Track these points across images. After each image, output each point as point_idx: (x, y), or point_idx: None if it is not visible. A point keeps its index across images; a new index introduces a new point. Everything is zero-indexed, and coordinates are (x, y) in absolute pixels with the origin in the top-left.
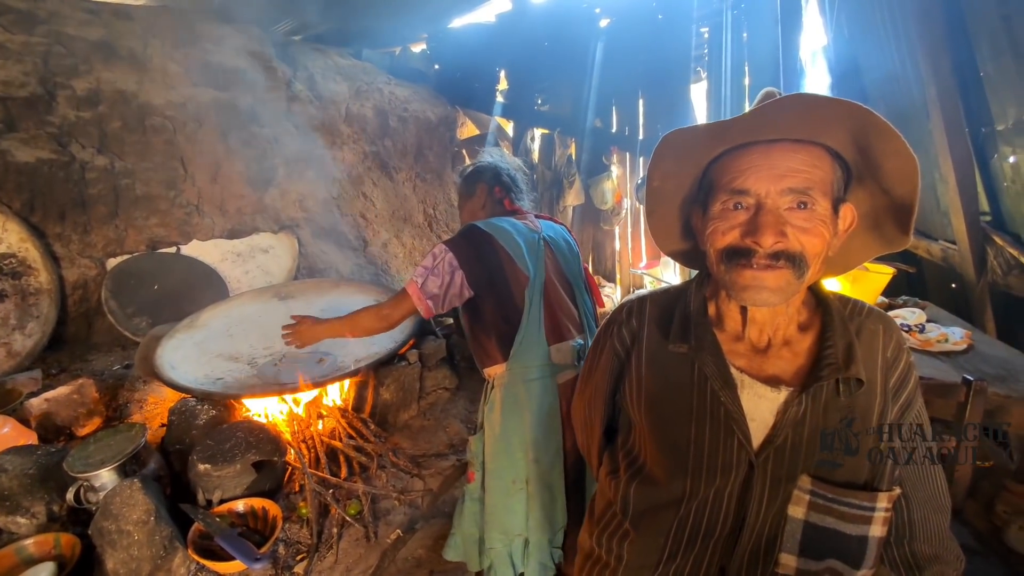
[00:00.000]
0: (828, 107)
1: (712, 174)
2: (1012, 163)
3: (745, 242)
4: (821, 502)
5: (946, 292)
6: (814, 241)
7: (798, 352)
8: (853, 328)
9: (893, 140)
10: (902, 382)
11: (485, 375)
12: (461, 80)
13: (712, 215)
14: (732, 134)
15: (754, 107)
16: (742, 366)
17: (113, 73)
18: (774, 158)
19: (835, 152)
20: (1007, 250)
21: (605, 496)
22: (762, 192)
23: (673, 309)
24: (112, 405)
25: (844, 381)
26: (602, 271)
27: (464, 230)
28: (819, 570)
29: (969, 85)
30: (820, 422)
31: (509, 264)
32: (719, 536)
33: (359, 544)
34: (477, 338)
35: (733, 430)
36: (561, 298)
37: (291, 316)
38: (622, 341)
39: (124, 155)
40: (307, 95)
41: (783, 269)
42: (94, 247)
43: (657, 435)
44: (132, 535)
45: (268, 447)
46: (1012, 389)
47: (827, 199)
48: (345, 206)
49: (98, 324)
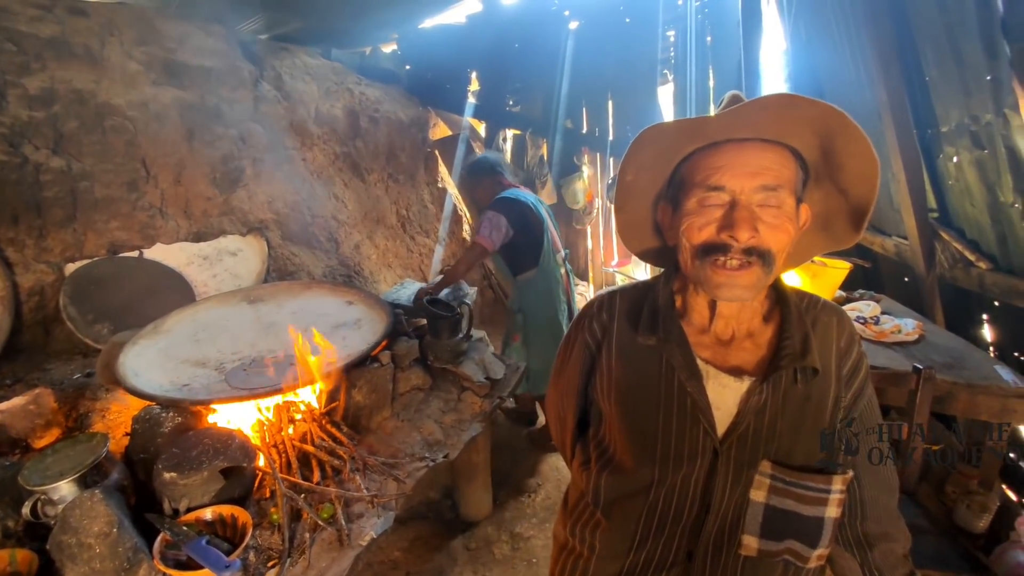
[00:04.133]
0: (806, 106)
1: (684, 171)
2: (955, 163)
3: (721, 237)
4: (780, 485)
5: (900, 285)
6: (781, 237)
7: (760, 343)
8: (809, 320)
9: (859, 142)
10: (854, 370)
11: (518, 280)
12: (433, 81)
13: (687, 211)
14: (709, 131)
15: (731, 106)
16: (707, 357)
17: (68, 71)
18: (747, 156)
19: (797, 154)
20: (952, 245)
21: (578, 487)
22: (737, 188)
23: (642, 303)
24: (72, 415)
25: (801, 370)
26: (575, 270)
27: (500, 202)
28: (779, 550)
29: (917, 89)
30: (780, 410)
31: (530, 213)
32: (686, 521)
33: (332, 548)
34: (517, 258)
35: (699, 419)
36: (552, 229)
37: (418, 293)
38: (593, 335)
39: (82, 156)
40: (274, 95)
41: (755, 266)
42: (51, 252)
43: (626, 425)
44: (93, 548)
45: (236, 453)
46: (959, 376)
47: (792, 197)
48: (316, 208)
49: (56, 332)
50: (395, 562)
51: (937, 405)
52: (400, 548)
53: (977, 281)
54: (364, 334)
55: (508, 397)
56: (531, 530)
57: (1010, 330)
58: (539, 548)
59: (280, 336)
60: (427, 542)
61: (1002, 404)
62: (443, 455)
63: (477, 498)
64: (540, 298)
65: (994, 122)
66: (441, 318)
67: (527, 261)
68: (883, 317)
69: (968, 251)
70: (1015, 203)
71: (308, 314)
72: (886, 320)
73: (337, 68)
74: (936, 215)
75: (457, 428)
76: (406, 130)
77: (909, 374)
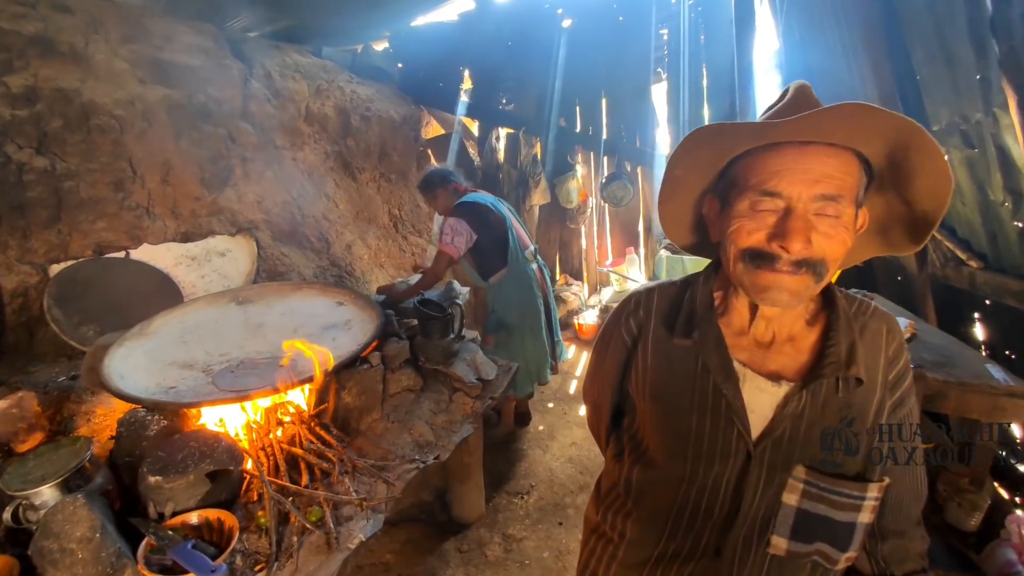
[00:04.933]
0: (882, 119)
1: (737, 169)
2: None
3: (772, 247)
4: (815, 491)
5: (893, 284)
6: (837, 248)
7: (801, 348)
8: (857, 327)
9: (934, 158)
10: (899, 379)
11: (490, 283)
12: (425, 79)
13: (737, 213)
14: (773, 134)
15: (794, 106)
16: (744, 360)
17: (52, 70)
18: (808, 162)
19: (863, 158)
20: (944, 243)
21: (611, 476)
22: (794, 196)
23: (679, 301)
24: (56, 419)
25: (844, 379)
26: (569, 269)
27: (460, 206)
28: (808, 552)
29: (908, 88)
30: (819, 417)
31: (490, 213)
32: (716, 518)
33: (320, 551)
34: (484, 261)
35: (733, 421)
36: (516, 225)
37: (376, 289)
38: (629, 331)
39: (66, 156)
40: (264, 93)
41: (804, 275)
42: (35, 253)
43: (660, 422)
44: (76, 553)
45: (223, 456)
46: (950, 375)
47: (853, 206)
48: (307, 207)
49: (41, 334)
50: (386, 565)
51: (928, 404)
52: (392, 550)
53: (968, 280)
54: (354, 335)
55: (500, 398)
56: (524, 531)
57: (1001, 329)
58: (531, 549)
59: (269, 338)
60: (419, 544)
61: (993, 403)
62: (434, 457)
63: (470, 500)
64: (514, 297)
65: (984, 121)
66: (432, 319)
67: (495, 262)
68: None
69: (959, 250)
70: (1005, 202)
71: (298, 315)
72: None
73: (328, 66)
74: None
75: (448, 429)
76: (398, 129)
77: None
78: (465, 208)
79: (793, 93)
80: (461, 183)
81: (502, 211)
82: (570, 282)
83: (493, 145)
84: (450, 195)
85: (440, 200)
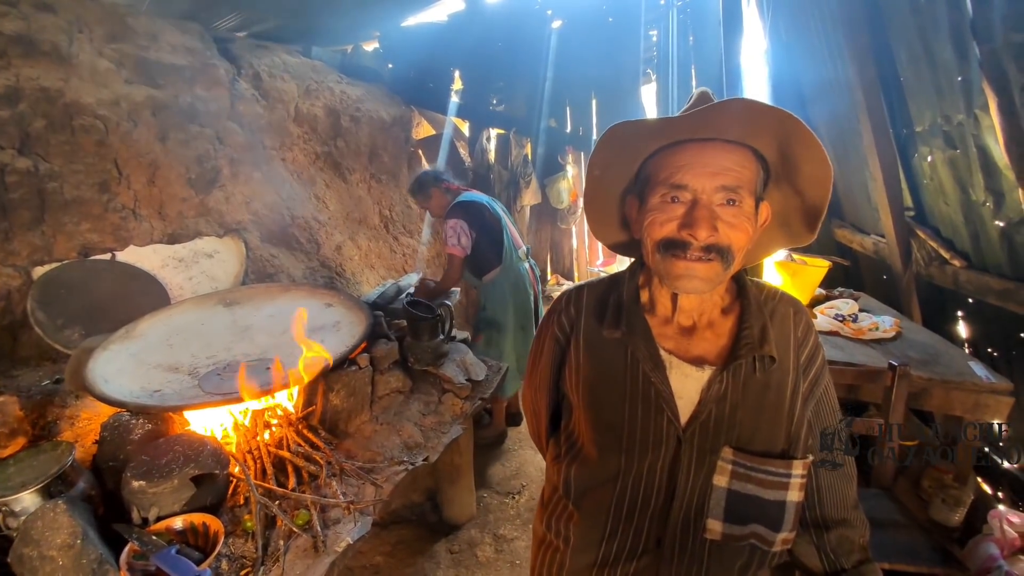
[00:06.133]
0: (764, 113)
1: (649, 168)
2: (930, 162)
3: (682, 235)
4: (742, 471)
5: (879, 283)
6: (740, 236)
7: (720, 334)
8: (767, 311)
9: (814, 148)
10: (811, 359)
11: (484, 280)
12: (415, 79)
13: (650, 207)
14: (674, 131)
15: (695, 107)
16: (670, 348)
17: (35, 69)
18: (708, 156)
19: (759, 154)
20: (928, 243)
21: (552, 481)
22: (698, 188)
23: (608, 297)
24: (39, 423)
25: (760, 359)
26: (560, 269)
27: (457, 207)
28: (743, 534)
29: (892, 89)
30: (740, 398)
31: (488, 213)
32: (654, 508)
33: (307, 555)
34: (480, 260)
35: (663, 408)
36: (511, 225)
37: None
38: (562, 328)
39: (50, 157)
40: (252, 93)
41: (713, 261)
42: (17, 255)
43: (593, 416)
44: (56, 560)
45: (209, 460)
46: (934, 372)
47: (751, 197)
48: (296, 208)
49: (24, 337)
50: (376, 567)
51: (913, 401)
52: (382, 552)
53: (952, 279)
54: (343, 337)
55: (490, 399)
56: (515, 531)
57: (983, 327)
58: (522, 549)
59: (256, 340)
60: (410, 546)
61: (975, 400)
62: (423, 458)
63: (460, 500)
64: (507, 296)
65: (965, 122)
66: (421, 320)
67: (490, 261)
68: (861, 315)
69: (943, 249)
70: (986, 202)
71: (286, 317)
72: (864, 318)
73: (317, 66)
74: (912, 213)
75: (437, 431)
76: (389, 129)
77: (885, 371)
78: (462, 208)
79: (696, 97)
80: (453, 182)
81: (497, 211)
82: (561, 282)
83: (484, 146)
84: (444, 194)
85: (434, 200)
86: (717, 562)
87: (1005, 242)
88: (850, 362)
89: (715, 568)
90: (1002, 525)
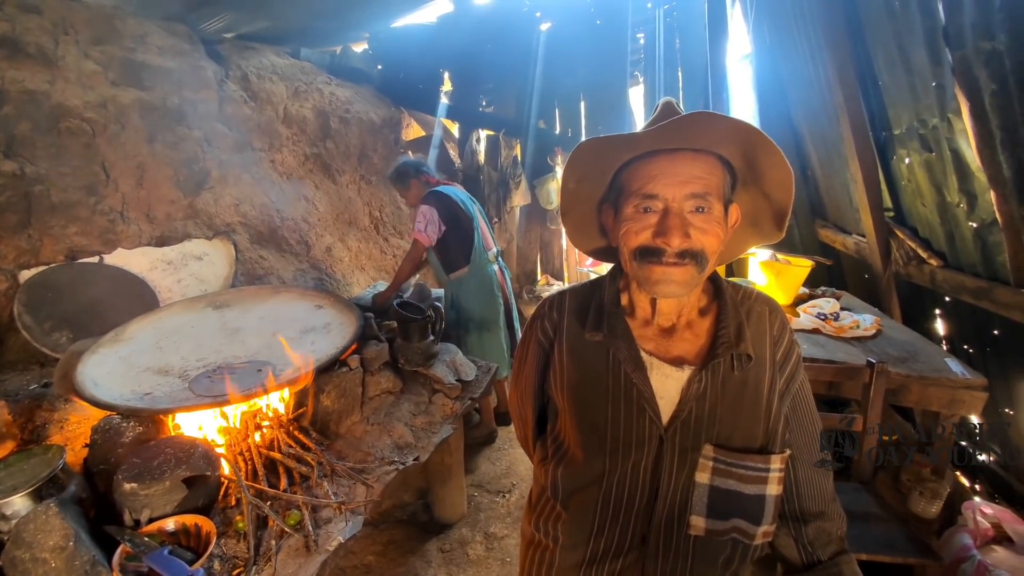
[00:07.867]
0: (724, 124)
1: (622, 178)
2: (907, 164)
3: (656, 242)
4: (723, 467)
5: (861, 282)
6: (712, 240)
7: (699, 334)
8: (744, 311)
9: (774, 155)
10: (786, 356)
11: (451, 278)
12: (405, 81)
13: (624, 217)
14: (642, 143)
15: (661, 119)
16: (651, 349)
17: (20, 71)
18: (678, 166)
19: (726, 160)
20: (906, 243)
21: (539, 483)
22: (669, 197)
23: (590, 301)
24: (28, 427)
25: (737, 357)
26: (550, 270)
27: (431, 196)
28: (726, 529)
29: (871, 92)
30: (719, 396)
31: (460, 209)
32: (638, 507)
33: (299, 554)
34: (448, 256)
35: (645, 408)
36: (483, 226)
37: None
38: (545, 333)
39: (36, 160)
40: (241, 95)
41: (688, 265)
42: (4, 258)
43: (578, 418)
44: (48, 563)
45: (200, 462)
46: (911, 369)
47: (720, 202)
48: (285, 210)
49: (11, 341)
50: (368, 566)
51: (892, 397)
52: (374, 552)
53: (929, 278)
54: (333, 338)
55: (480, 399)
56: (505, 529)
57: (959, 324)
58: (513, 547)
59: (246, 342)
60: (401, 545)
61: (951, 395)
62: (413, 458)
63: (451, 500)
64: (473, 297)
65: (939, 126)
66: (411, 321)
67: (459, 258)
68: (842, 313)
69: (921, 249)
70: (960, 203)
71: (276, 319)
72: (845, 316)
73: (306, 68)
74: (892, 214)
75: (428, 431)
76: (378, 131)
77: (864, 368)
78: (435, 197)
79: (661, 109)
80: (433, 175)
81: (471, 210)
82: (551, 282)
83: (473, 147)
84: (422, 186)
85: (412, 191)
86: (701, 557)
87: (978, 242)
88: (831, 359)
89: (699, 563)
90: (975, 516)
